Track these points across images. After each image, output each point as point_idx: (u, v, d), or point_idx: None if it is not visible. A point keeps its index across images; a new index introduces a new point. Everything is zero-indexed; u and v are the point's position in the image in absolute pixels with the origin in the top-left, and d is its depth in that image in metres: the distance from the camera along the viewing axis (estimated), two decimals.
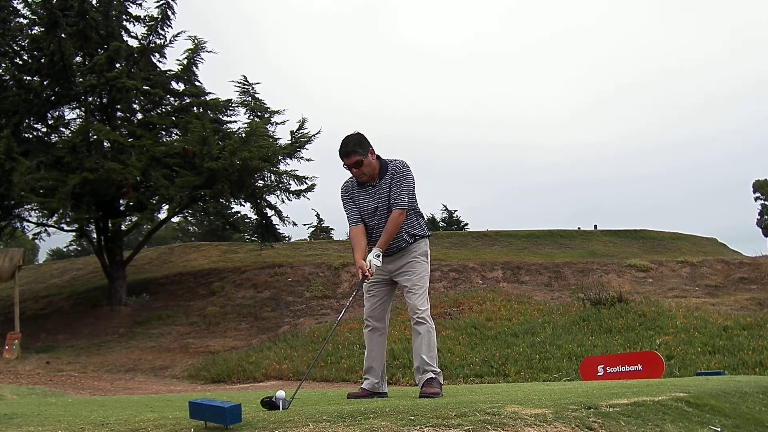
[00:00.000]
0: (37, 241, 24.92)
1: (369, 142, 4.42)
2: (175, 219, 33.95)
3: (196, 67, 22.15)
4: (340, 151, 4.37)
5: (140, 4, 22.21)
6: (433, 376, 4.28)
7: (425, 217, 4.70)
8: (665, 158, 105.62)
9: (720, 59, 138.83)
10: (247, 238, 34.02)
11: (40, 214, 21.30)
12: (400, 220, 4.35)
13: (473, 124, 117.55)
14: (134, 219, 22.57)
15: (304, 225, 41.58)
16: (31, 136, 21.55)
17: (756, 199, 50.86)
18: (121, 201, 21.44)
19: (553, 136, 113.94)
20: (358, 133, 4.42)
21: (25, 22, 21.13)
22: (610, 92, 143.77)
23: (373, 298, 4.49)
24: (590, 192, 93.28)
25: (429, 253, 4.58)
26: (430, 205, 47.02)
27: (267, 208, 22.14)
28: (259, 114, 21.92)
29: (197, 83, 22.32)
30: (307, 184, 21.29)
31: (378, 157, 4.46)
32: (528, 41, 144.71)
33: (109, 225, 21.10)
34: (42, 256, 45.90)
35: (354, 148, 4.33)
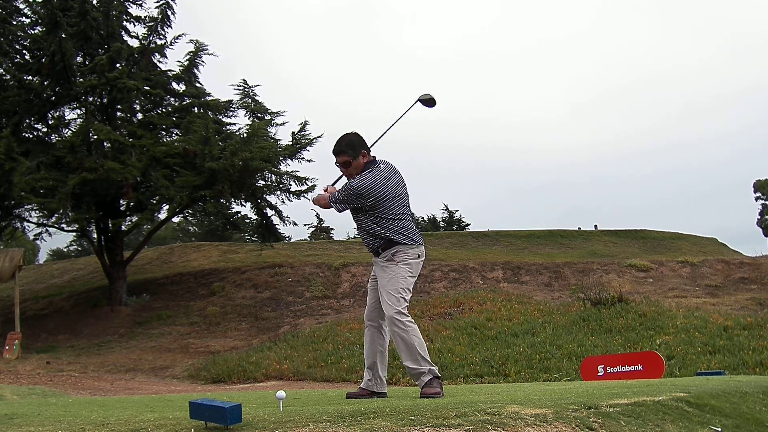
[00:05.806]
0: (37, 241, 25.01)
1: (363, 144, 4.42)
2: (176, 219, 33.96)
3: (197, 69, 22.21)
4: (333, 149, 4.48)
5: (140, 5, 22.27)
6: (431, 376, 4.20)
7: (413, 222, 4.59)
8: (666, 158, 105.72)
9: (721, 60, 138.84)
10: (248, 238, 33.99)
11: (40, 214, 21.29)
12: (317, 200, 4.47)
13: (474, 125, 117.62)
14: (134, 219, 22.58)
15: (305, 225, 41.46)
16: (31, 136, 21.55)
17: (756, 199, 50.92)
18: (121, 201, 21.43)
19: (554, 136, 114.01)
20: (354, 134, 4.43)
21: (26, 21, 21.16)
22: (610, 93, 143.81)
23: (370, 299, 4.54)
24: (590, 192, 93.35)
25: (404, 258, 4.34)
26: (430, 205, 47.01)
27: (267, 209, 22.14)
28: (259, 116, 21.93)
29: (198, 84, 22.35)
30: (307, 185, 21.30)
31: (373, 159, 4.45)
32: (528, 42, 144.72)
33: (110, 225, 21.09)
34: (42, 257, 45.93)
35: (344, 148, 4.38)
